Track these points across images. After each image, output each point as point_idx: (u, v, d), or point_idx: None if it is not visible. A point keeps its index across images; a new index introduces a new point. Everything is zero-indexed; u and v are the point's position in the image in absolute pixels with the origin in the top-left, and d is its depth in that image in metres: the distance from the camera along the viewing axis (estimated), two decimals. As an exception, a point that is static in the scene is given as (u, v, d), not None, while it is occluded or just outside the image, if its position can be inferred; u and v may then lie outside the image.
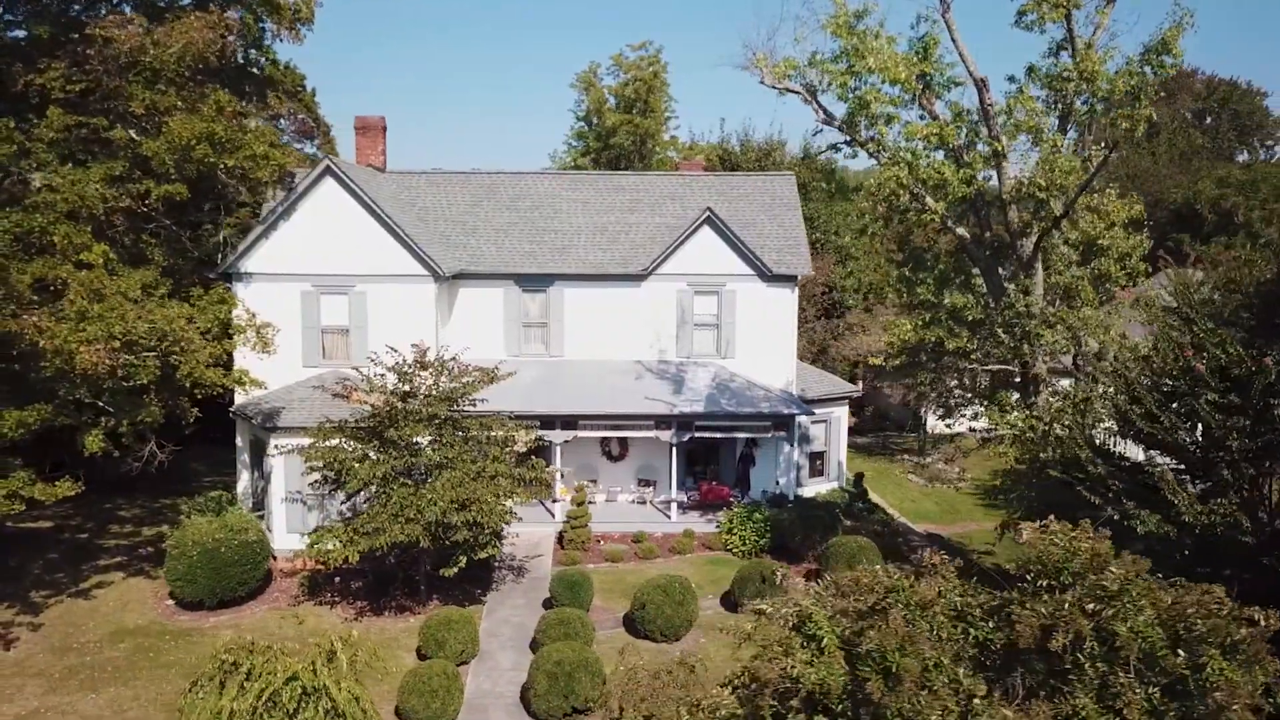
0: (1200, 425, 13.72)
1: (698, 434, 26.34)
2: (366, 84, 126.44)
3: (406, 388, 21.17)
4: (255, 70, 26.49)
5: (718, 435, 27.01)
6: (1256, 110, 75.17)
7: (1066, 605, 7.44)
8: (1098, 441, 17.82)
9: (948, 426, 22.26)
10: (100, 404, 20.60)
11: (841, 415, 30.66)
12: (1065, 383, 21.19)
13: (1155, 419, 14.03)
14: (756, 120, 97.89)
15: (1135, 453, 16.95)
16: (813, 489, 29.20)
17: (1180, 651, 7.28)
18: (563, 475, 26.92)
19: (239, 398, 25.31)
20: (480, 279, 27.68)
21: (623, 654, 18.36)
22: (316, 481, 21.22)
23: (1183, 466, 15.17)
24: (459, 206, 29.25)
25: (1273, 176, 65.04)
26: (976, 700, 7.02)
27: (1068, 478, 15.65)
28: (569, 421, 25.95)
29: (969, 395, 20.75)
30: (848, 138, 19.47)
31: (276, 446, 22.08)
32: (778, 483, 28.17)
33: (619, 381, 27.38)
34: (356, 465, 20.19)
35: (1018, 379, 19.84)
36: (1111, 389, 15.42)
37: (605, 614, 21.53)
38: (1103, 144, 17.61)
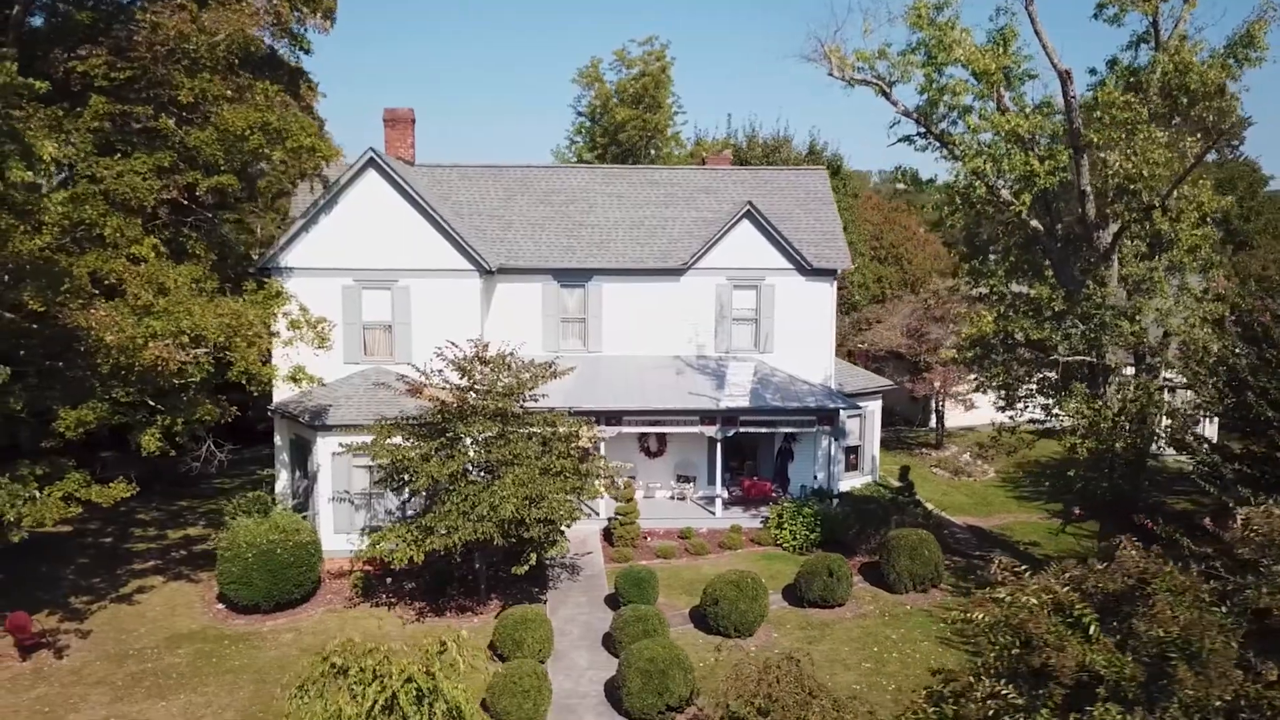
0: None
1: (742, 429, 26.22)
2: (355, 80, 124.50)
3: (468, 383, 20.75)
4: (291, 61, 25.78)
5: (762, 430, 26.91)
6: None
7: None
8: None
9: (1009, 418, 22.31)
10: (151, 402, 19.96)
11: (875, 409, 30.78)
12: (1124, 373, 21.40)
13: (1278, 405, 14.20)
14: (761, 117, 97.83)
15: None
16: (847, 483, 29.23)
17: None
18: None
19: (278, 395, 24.68)
20: (517, 274, 27.30)
21: (719, 650, 18.32)
22: (381, 480, 20.74)
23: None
24: (492, 201, 28.83)
25: (1246, 175, 66.95)
26: (1287, 685, 6.98)
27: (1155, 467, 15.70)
28: (613, 417, 25.66)
29: (1038, 386, 20.85)
30: (922, 129, 19.46)
31: (341, 445, 21.49)
32: (815, 477, 28.14)
33: (660, 377, 27.17)
34: (424, 463, 19.73)
35: (1087, 371, 20.00)
36: (1205, 377, 15.56)
37: (669, 610, 21.28)
38: (1197, 135, 17.82)
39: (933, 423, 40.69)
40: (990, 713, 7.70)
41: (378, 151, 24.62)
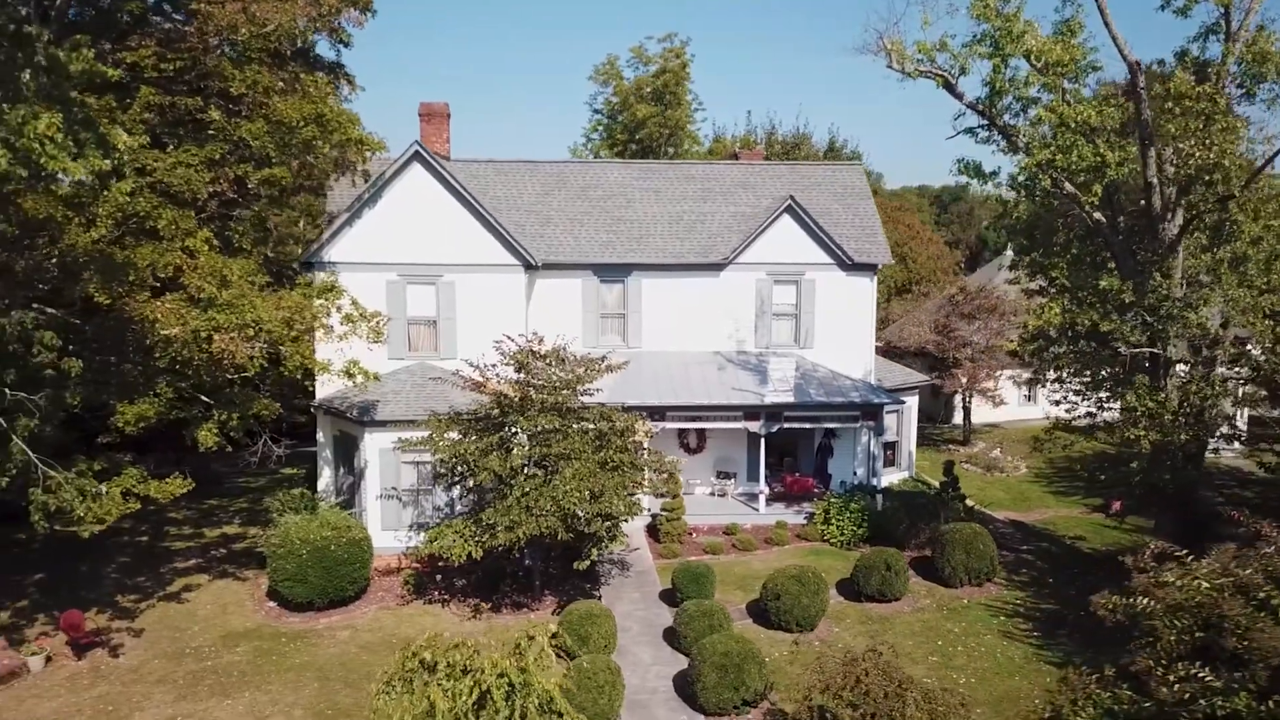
0: None
1: (786, 424, 26.11)
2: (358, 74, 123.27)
3: (526, 377, 20.58)
4: (330, 55, 25.60)
5: (806, 425, 26.81)
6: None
7: None
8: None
9: (1065, 411, 22.23)
10: (203, 398, 19.73)
11: (912, 405, 30.73)
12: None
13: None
14: (779, 114, 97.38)
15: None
16: (885, 479, 29.15)
17: None
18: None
19: (321, 391, 24.45)
20: (557, 269, 27.07)
21: (796, 644, 18.28)
22: (440, 475, 20.54)
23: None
24: (529, 196, 28.63)
25: (1246, 168, 67.45)
26: None
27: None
28: (657, 413, 25.48)
29: (1092, 378, 20.83)
30: (985, 122, 19.40)
31: (401, 440, 21.26)
32: (855, 473, 28.07)
33: (701, 372, 27.04)
34: (484, 457, 19.53)
35: (1147, 363, 20.00)
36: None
37: (725, 605, 21.11)
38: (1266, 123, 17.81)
39: (956, 419, 40.71)
40: (1185, 695, 7.59)
41: (423, 145, 24.40)
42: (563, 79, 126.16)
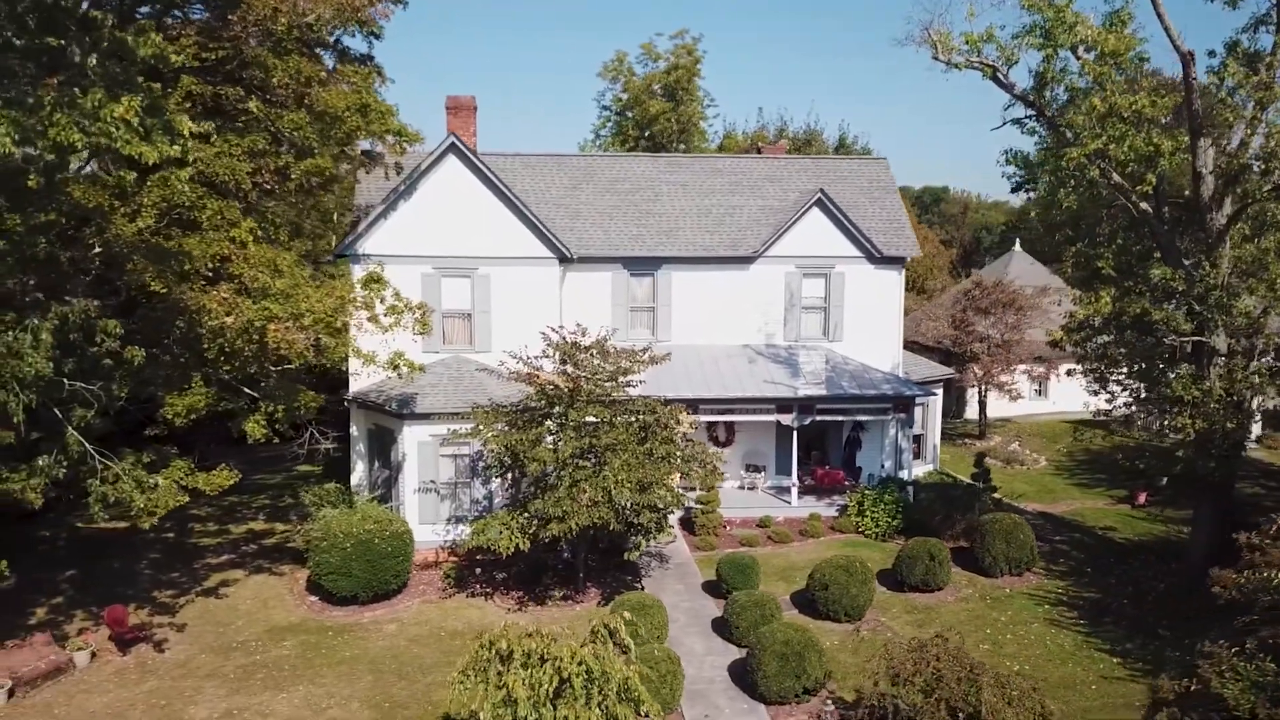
0: None
1: (818, 417, 26.14)
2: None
3: (574, 369, 20.50)
4: (364, 48, 25.43)
5: (837, 418, 26.85)
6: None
7: None
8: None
9: (1106, 402, 22.33)
10: (247, 390, 19.55)
11: (937, 398, 30.81)
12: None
13: None
14: (791, 110, 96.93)
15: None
16: (912, 472, 29.20)
17: None
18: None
19: (354, 385, 24.28)
20: (587, 263, 26.94)
21: (858, 632, 18.29)
22: (489, 466, 20.43)
23: None
24: (558, 189, 28.53)
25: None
26: None
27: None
28: (689, 406, 25.38)
29: (1129, 369, 20.98)
30: (1033, 112, 19.50)
31: (450, 430, 21.12)
32: (883, 466, 28.12)
33: (732, 365, 27.03)
34: (534, 447, 19.45)
35: (1190, 352, 20.14)
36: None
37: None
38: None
39: (968, 413, 40.89)
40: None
41: (459, 137, 24.26)
42: (565, 78, 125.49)
